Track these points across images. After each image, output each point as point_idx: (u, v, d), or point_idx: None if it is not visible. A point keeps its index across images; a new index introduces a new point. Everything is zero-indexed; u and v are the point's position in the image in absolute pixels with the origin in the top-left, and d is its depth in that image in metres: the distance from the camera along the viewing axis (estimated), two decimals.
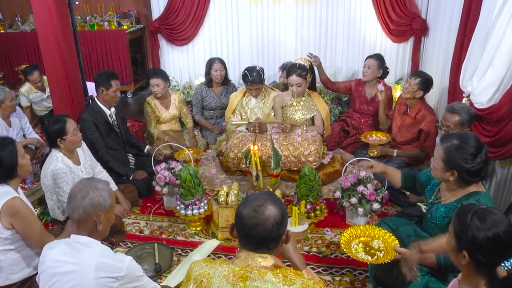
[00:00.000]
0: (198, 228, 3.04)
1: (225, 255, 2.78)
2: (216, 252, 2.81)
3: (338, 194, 2.99)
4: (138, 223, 3.16)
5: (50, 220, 3.05)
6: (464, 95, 3.16)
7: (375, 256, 2.13)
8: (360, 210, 2.87)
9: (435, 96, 4.22)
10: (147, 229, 3.08)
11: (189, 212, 2.93)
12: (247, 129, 3.75)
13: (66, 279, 1.60)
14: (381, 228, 2.27)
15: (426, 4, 4.73)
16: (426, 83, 3.41)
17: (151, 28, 5.35)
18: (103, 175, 3.10)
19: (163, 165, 3.23)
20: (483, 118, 2.91)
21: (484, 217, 1.38)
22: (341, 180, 3.03)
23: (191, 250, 2.82)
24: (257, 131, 3.52)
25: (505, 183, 2.87)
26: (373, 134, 3.80)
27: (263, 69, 3.85)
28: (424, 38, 4.85)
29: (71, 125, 2.73)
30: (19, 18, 6.30)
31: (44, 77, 4.42)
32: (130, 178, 3.41)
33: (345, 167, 3.20)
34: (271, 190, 3.12)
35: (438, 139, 3.14)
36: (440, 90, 4.10)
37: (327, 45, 5.16)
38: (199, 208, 2.95)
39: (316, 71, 4.20)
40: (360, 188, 2.89)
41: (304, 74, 3.60)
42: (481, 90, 2.90)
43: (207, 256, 2.73)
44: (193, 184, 2.88)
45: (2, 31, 6.27)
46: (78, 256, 1.63)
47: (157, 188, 3.17)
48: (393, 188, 2.92)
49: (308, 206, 2.88)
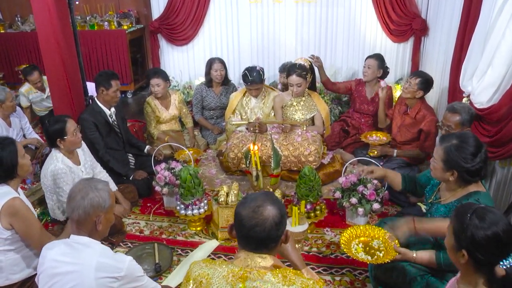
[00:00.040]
0: (198, 228, 3.04)
1: (225, 255, 2.78)
2: (216, 252, 2.81)
3: (338, 194, 3.00)
4: (138, 223, 3.16)
5: (50, 220, 3.05)
6: (464, 95, 3.16)
7: (375, 256, 2.13)
8: (360, 210, 2.87)
9: (435, 96, 4.23)
10: (147, 229, 3.08)
11: (189, 212, 2.93)
12: (247, 129, 3.75)
13: (66, 279, 1.60)
14: (381, 228, 2.27)
15: (426, 4, 4.73)
16: (427, 83, 3.41)
17: (151, 28, 5.35)
18: (103, 175, 3.10)
19: (163, 165, 3.23)
20: (483, 118, 2.91)
21: (483, 216, 1.39)
22: (341, 180, 3.03)
23: (191, 250, 2.82)
24: (257, 131, 3.52)
25: (505, 183, 2.87)
26: (373, 134, 3.80)
27: (263, 69, 3.85)
28: (424, 38, 4.85)
29: (71, 126, 2.72)
30: (19, 18, 6.30)
31: (44, 77, 4.42)
32: (130, 178, 3.41)
33: (345, 167, 3.20)
34: (271, 190, 3.12)
35: (438, 139, 3.14)
36: (440, 90, 4.10)
37: (327, 45, 5.16)
38: (199, 208, 2.95)
39: (316, 71, 4.20)
40: (360, 188, 2.89)
41: (304, 74, 3.60)
42: (481, 90, 2.91)
43: (207, 257, 2.73)
44: (193, 184, 2.88)
45: (2, 31, 6.27)
46: (78, 257, 1.63)
47: (157, 188, 3.17)
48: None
49: (308, 206, 2.88)
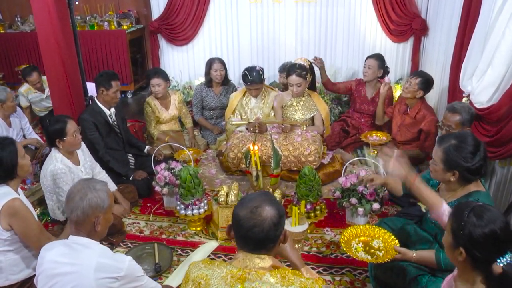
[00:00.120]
0: (198, 228, 3.04)
1: (225, 255, 2.78)
2: (216, 252, 2.81)
3: (338, 194, 2.99)
4: (138, 223, 3.16)
5: (50, 221, 3.05)
6: (464, 95, 3.16)
7: (375, 256, 2.13)
8: (360, 210, 2.87)
9: (435, 96, 4.23)
10: (147, 229, 3.08)
11: (189, 212, 2.93)
12: (247, 129, 3.75)
13: (65, 280, 1.60)
14: (381, 228, 2.27)
15: (426, 4, 4.74)
16: (427, 83, 3.41)
17: (151, 28, 5.35)
18: (102, 175, 3.10)
19: (163, 165, 3.23)
20: (483, 118, 2.91)
21: (480, 213, 1.39)
22: (341, 180, 3.03)
23: (191, 250, 2.82)
24: (257, 131, 3.52)
25: (505, 183, 2.86)
26: (373, 134, 3.80)
27: (263, 69, 3.85)
28: (424, 38, 4.85)
29: (71, 127, 2.72)
30: (19, 19, 6.30)
31: (43, 78, 4.42)
32: (130, 178, 3.41)
33: (345, 167, 3.20)
34: (271, 190, 3.12)
35: (436, 140, 3.13)
36: (440, 90, 4.10)
37: (327, 45, 5.16)
38: (199, 208, 2.95)
39: (317, 72, 4.20)
40: (360, 188, 2.88)
41: (304, 74, 3.60)
42: (480, 90, 2.91)
43: (207, 257, 2.73)
44: (193, 184, 2.88)
45: (2, 32, 6.26)
46: (77, 257, 1.62)
47: (157, 188, 3.17)
48: None
49: (308, 206, 2.88)
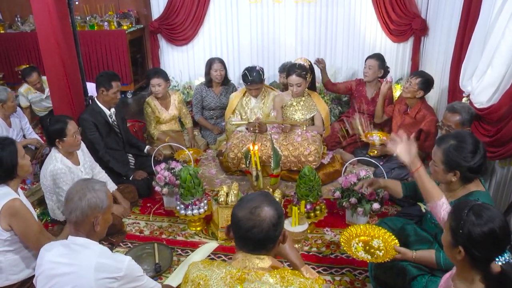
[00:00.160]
0: (198, 228, 3.04)
1: (225, 255, 2.78)
2: (216, 252, 2.81)
3: (338, 194, 2.99)
4: (138, 223, 3.16)
5: (50, 221, 3.05)
6: (464, 95, 3.16)
7: (375, 255, 2.13)
8: (360, 210, 2.87)
9: (435, 96, 4.23)
10: (147, 229, 3.08)
11: (189, 212, 2.93)
12: (247, 129, 3.75)
13: (64, 281, 1.59)
14: (381, 228, 2.27)
15: (426, 4, 4.73)
16: (427, 83, 3.41)
17: (151, 28, 5.35)
18: (102, 175, 3.10)
19: (163, 165, 3.23)
20: (482, 118, 2.91)
21: (479, 212, 1.39)
22: (341, 180, 3.03)
23: (191, 250, 2.82)
24: (257, 131, 3.52)
25: (505, 183, 2.86)
26: (373, 134, 3.80)
27: (263, 69, 3.85)
28: (424, 38, 4.85)
29: (72, 128, 2.72)
30: (19, 19, 6.30)
31: (43, 78, 4.42)
32: (130, 178, 3.41)
33: (345, 167, 3.20)
34: (271, 190, 3.12)
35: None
36: (440, 90, 4.10)
37: (327, 45, 5.16)
38: (199, 208, 2.95)
39: (318, 72, 4.19)
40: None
41: (304, 74, 3.60)
42: (480, 90, 2.91)
43: (206, 257, 2.73)
44: (193, 184, 2.88)
45: (2, 32, 6.26)
46: (76, 258, 1.62)
47: (157, 188, 3.17)
48: None
49: (308, 206, 2.88)
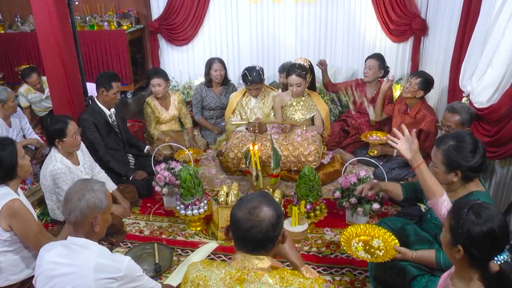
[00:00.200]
0: (198, 228, 3.04)
1: (225, 255, 2.78)
2: (216, 252, 2.81)
3: (338, 194, 2.99)
4: (138, 223, 3.15)
5: (50, 221, 3.05)
6: (463, 94, 3.16)
7: (375, 255, 2.13)
8: (360, 210, 2.87)
9: (435, 96, 4.22)
10: (147, 229, 3.08)
11: (189, 212, 2.93)
12: (247, 129, 3.75)
13: (64, 281, 1.59)
14: (381, 228, 2.27)
15: (425, 4, 4.74)
16: (427, 83, 3.41)
17: (151, 28, 5.35)
18: (102, 175, 3.10)
19: (163, 165, 3.23)
20: (482, 118, 2.91)
21: (479, 212, 1.39)
22: (341, 180, 3.03)
23: (191, 250, 2.82)
24: (257, 131, 3.52)
25: (505, 183, 2.86)
26: (373, 134, 3.80)
27: (262, 69, 3.85)
28: (424, 38, 4.85)
29: (72, 128, 2.71)
30: (19, 19, 6.30)
31: (43, 78, 4.42)
32: (130, 178, 3.41)
33: (345, 167, 3.20)
34: (270, 190, 3.12)
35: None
36: (440, 89, 4.10)
37: (327, 45, 5.16)
38: (199, 208, 2.95)
39: (317, 72, 4.19)
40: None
41: (304, 74, 3.60)
42: (480, 90, 2.91)
43: (206, 257, 2.73)
44: (193, 184, 2.88)
45: (2, 32, 6.26)
46: (76, 258, 1.62)
47: (157, 188, 3.17)
48: None
49: (308, 206, 2.88)
